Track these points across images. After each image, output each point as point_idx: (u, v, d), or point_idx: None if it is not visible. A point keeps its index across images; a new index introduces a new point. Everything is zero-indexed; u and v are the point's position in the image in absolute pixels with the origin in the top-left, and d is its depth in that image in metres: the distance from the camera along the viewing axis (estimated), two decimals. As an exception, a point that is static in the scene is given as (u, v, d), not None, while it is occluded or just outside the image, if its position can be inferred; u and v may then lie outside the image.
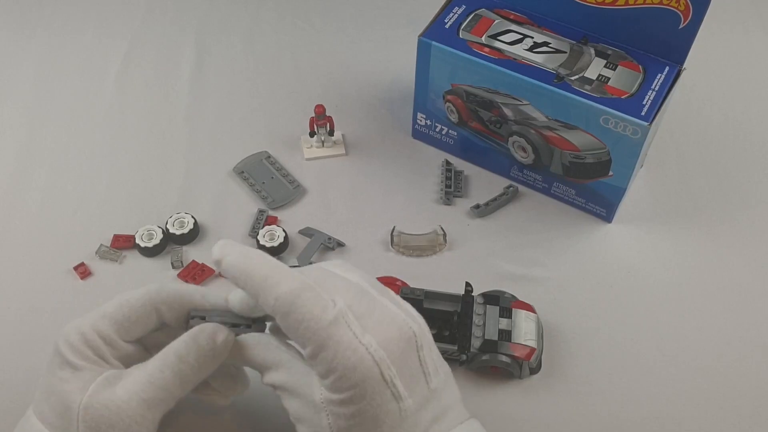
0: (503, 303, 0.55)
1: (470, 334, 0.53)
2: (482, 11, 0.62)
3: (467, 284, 0.55)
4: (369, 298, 0.42)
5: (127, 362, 0.44)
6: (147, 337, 0.46)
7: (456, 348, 0.53)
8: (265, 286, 0.40)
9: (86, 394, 0.41)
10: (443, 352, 0.53)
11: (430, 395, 0.41)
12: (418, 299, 0.55)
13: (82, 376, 0.42)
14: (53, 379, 0.42)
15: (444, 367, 0.44)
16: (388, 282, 0.57)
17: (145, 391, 0.42)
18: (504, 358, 0.52)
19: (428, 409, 0.41)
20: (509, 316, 0.54)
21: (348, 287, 0.42)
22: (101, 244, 0.61)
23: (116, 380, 0.42)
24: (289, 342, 0.44)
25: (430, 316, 0.55)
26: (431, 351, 0.42)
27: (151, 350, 0.46)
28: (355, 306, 0.41)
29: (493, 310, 0.54)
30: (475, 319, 0.54)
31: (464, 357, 0.53)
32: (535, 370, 0.54)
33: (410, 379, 0.40)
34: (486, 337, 0.53)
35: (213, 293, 0.46)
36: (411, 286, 0.57)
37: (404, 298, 0.55)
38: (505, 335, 0.53)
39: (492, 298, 0.55)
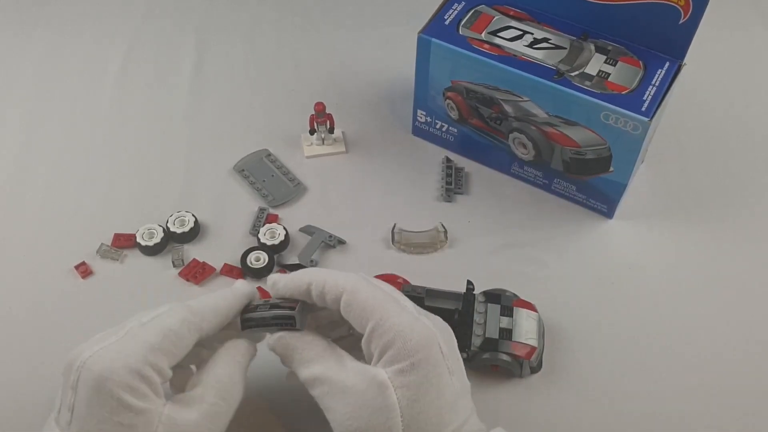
0: (504, 301, 0.55)
1: (471, 332, 0.53)
2: (482, 7, 0.62)
3: (469, 282, 0.55)
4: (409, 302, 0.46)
5: (166, 385, 0.44)
6: None
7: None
8: (325, 283, 0.44)
9: None
10: None
11: (466, 388, 0.44)
12: (419, 297, 0.55)
13: (146, 419, 0.40)
14: (111, 428, 0.39)
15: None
16: (389, 279, 0.57)
17: (212, 423, 0.43)
18: (504, 357, 0.52)
19: (466, 399, 0.43)
20: (510, 315, 0.54)
21: (392, 289, 0.46)
22: (102, 243, 0.61)
23: (179, 415, 0.42)
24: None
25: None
26: (459, 357, 0.45)
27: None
28: (403, 299, 0.45)
29: (494, 309, 0.54)
30: (476, 318, 0.54)
31: (465, 355, 0.53)
32: (536, 369, 0.54)
33: (454, 364, 0.43)
34: (487, 336, 0.53)
35: (238, 289, 0.48)
36: (412, 283, 0.57)
37: (405, 296, 0.55)
38: (506, 334, 0.53)
39: (493, 296, 0.55)
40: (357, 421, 0.41)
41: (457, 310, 0.54)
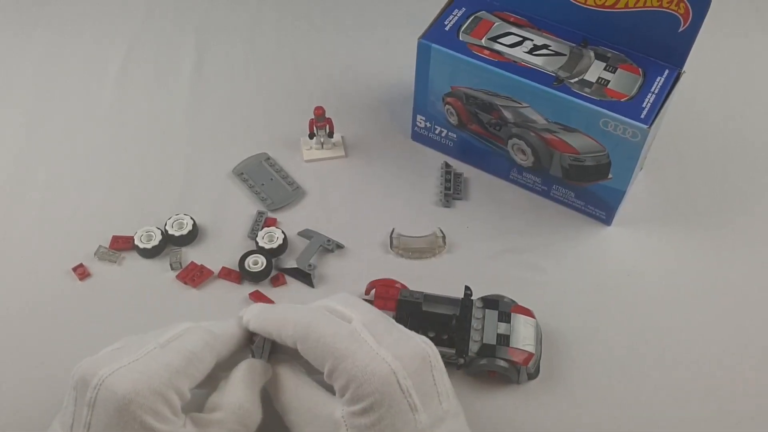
0: (502, 307, 0.55)
1: (468, 338, 0.53)
2: (482, 14, 0.62)
3: (467, 288, 0.55)
4: (385, 320, 0.45)
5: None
6: None
7: (454, 352, 0.53)
8: (283, 323, 0.45)
9: None
10: (441, 356, 0.53)
11: (444, 415, 0.42)
12: (416, 302, 0.55)
13: None
14: None
15: (455, 398, 0.45)
16: (387, 284, 0.57)
17: None
18: (502, 363, 0.52)
19: (441, 429, 0.42)
20: (508, 321, 0.54)
21: (367, 309, 0.46)
22: (100, 245, 0.61)
23: None
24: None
25: (428, 320, 0.55)
26: (443, 375, 0.44)
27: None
28: (371, 326, 0.44)
29: (492, 315, 0.54)
30: (474, 323, 0.54)
31: (462, 361, 0.53)
32: (533, 376, 0.54)
33: (424, 395, 0.42)
34: (484, 342, 0.53)
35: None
36: (410, 288, 0.57)
37: (403, 301, 0.55)
38: (504, 340, 0.53)
39: (491, 302, 0.55)
40: None
41: (454, 315, 0.54)
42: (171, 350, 0.43)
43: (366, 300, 0.57)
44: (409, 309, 0.55)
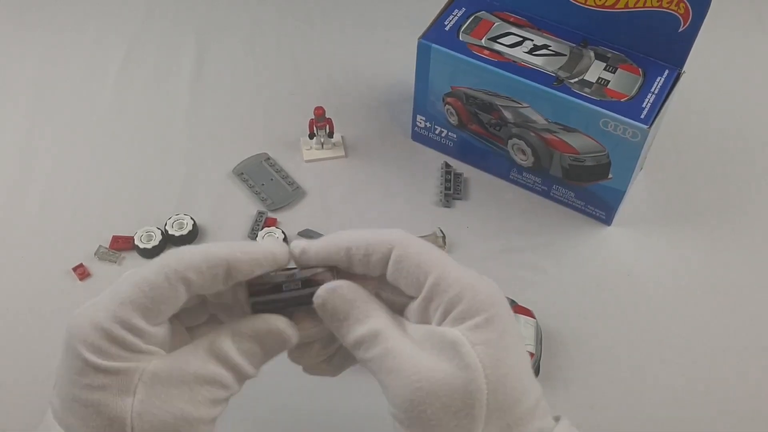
0: None
1: None
2: (482, 14, 0.62)
3: None
4: None
5: (165, 344, 0.36)
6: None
7: None
8: (371, 235, 0.37)
9: (136, 399, 0.33)
10: None
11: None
12: None
13: (119, 379, 0.34)
14: (80, 391, 0.34)
15: None
16: None
17: (210, 393, 0.35)
18: None
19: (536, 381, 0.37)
20: None
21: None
22: (100, 245, 0.61)
23: (167, 377, 0.34)
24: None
25: None
26: None
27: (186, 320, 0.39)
28: None
29: None
30: None
31: None
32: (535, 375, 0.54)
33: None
34: None
35: (247, 245, 0.37)
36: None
37: None
38: None
39: None
40: (429, 383, 0.33)
41: None
42: (124, 280, 0.36)
43: None
44: None
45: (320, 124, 0.66)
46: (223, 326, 0.37)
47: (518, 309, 0.55)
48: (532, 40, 0.60)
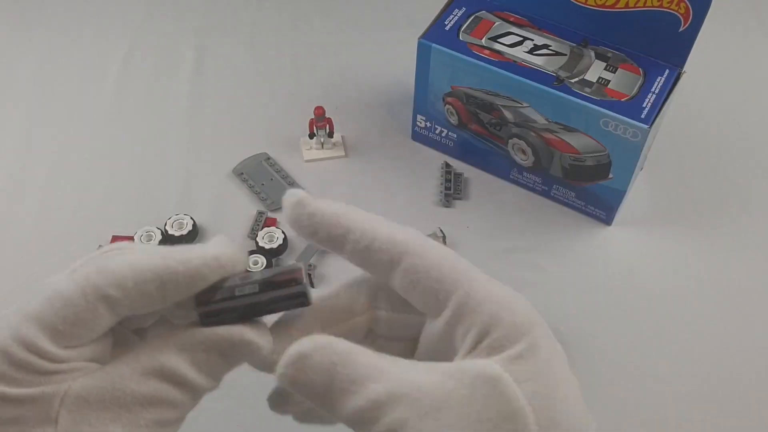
0: None
1: None
2: (482, 13, 0.62)
3: None
4: None
5: (100, 356, 0.30)
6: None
7: None
8: (381, 228, 0.30)
9: (59, 429, 0.27)
10: None
11: None
12: None
13: (35, 408, 0.27)
14: None
15: None
16: None
17: (155, 414, 0.29)
18: None
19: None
20: None
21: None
22: (100, 245, 0.61)
23: (98, 398, 0.28)
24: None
25: None
26: None
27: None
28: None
29: None
30: None
31: None
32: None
33: None
34: None
35: (187, 251, 0.29)
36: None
37: None
38: None
39: None
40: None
41: None
42: (38, 289, 0.29)
43: None
44: None
45: (320, 123, 0.66)
46: (170, 333, 0.29)
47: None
48: (533, 40, 0.60)
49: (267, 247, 0.60)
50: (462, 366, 0.27)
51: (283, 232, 0.61)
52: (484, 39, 0.60)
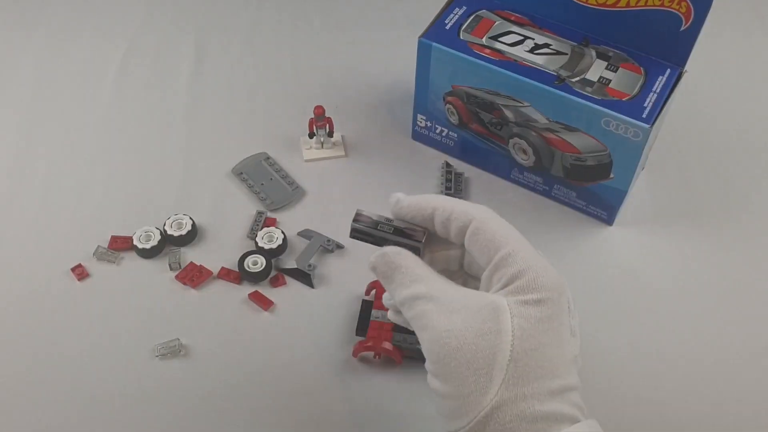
0: None
1: None
2: (483, 12, 0.62)
3: None
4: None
5: None
6: None
7: None
8: (458, 204, 0.41)
9: None
10: None
11: (579, 364, 0.39)
12: None
13: None
14: None
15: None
16: None
17: None
18: None
19: (576, 373, 0.38)
20: None
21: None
22: (99, 246, 0.61)
23: None
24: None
25: None
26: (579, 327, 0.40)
27: None
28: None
29: None
30: None
31: None
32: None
33: (576, 327, 0.39)
34: None
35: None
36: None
37: None
38: None
39: None
40: (457, 339, 0.36)
41: None
42: None
43: (366, 300, 0.57)
44: None
45: (320, 123, 0.66)
46: None
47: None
48: (533, 39, 0.60)
49: (266, 247, 0.60)
50: (484, 294, 0.38)
51: (282, 233, 0.61)
52: (484, 38, 0.60)
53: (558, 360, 0.36)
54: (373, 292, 0.57)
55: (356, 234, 0.43)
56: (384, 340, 0.53)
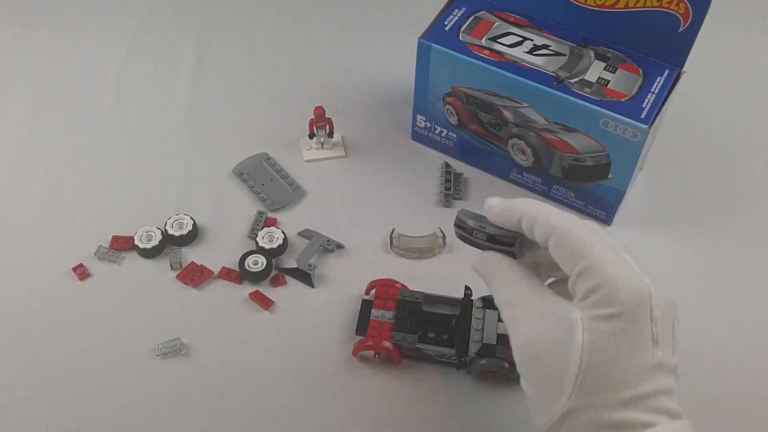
0: None
1: (469, 338, 0.53)
2: (482, 13, 0.62)
3: (467, 288, 0.55)
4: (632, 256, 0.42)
5: None
6: None
7: (454, 352, 0.53)
8: (542, 214, 0.42)
9: None
10: (441, 356, 0.53)
11: (674, 368, 0.40)
12: (417, 302, 0.55)
13: None
14: None
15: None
16: (387, 284, 0.57)
17: None
18: (501, 363, 0.52)
19: (667, 377, 0.39)
20: None
21: (618, 242, 0.42)
22: (100, 246, 0.61)
23: None
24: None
25: (428, 320, 0.55)
26: (679, 331, 0.41)
27: None
28: (627, 249, 0.42)
29: (492, 315, 0.54)
30: (474, 323, 0.54)
31: (463, 360, 0.53)
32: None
33: (664, 336, 0.39)
34: (484, 342, 0.53)
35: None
36: (410, 288, 0.57)
37: (403, 301, 0.55)
38: (504, 340, 0.53)
39: (491, 302, 0.55)
40: (536, 350, 0.40)
41: (454, 315, 0.54)
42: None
43: (366, 300, 0.57)
44: (410, 309, 0.55)
45: (320, 123, 0.66)
46: None
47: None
48: (532, 40, 0.60)
49: (267, 247, 0.60)
50: (563, 305, 0.40)
51: (282, 233, 0.61)
52: (483, 39, 0.60)
53: (632, 370, 0.38)
54: (373, 291, 0.57)
55: (462, 237, 0.46)
56: (384, 340, 0.54)
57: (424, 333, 0.54)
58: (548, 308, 0.41)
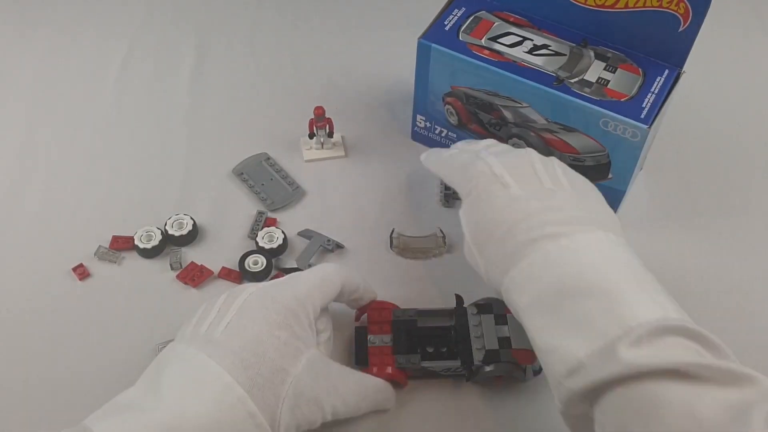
0: (497, 310, 0.54)
1: (471, 347, 0.52)
2: (482, 13, 0.62)
3: (457, 297, 0.55)
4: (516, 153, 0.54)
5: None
6: None
7: (459, 364, 0.52)
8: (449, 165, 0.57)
9: (301, 366, 0.45)
10: (447, 370, 0.52)
11: (543, 194, 0.49)
12: (411, 320, 0.54)
13: (297, 345, 0.46)
14: (270, 338, 0.44)
15: (584, 186, 0.53)
16: (380, 307, 0.55)
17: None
18: (508, 367, 0.52)
19: (540, 200, 0.49)
20: (505, 323, 0.53)
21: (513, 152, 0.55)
22: (100, 245, 0.61)
23: (325, 368, 0.47)
24: None
25: (425, 335, 0.53)
26: (553, 169, 0.52)
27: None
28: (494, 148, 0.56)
29: (488, 319, 0.53)
30: (473, 331, 0.53)
31: (472, 370, 0.52)
32: (538, 372, 0.53)
33: (520, 177, 0.50)
34: (487, 348, 0.52)
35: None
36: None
37: (397, 321, 0.53)
38: (505, 343, 0.52)
39: (484, 307, 0.54)
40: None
41: (452, 326, 0.54)
42: (312, 273, 0.51)
43: (359, 327, 0.55)
44: (405, 328, 0.54)
45: (320, 123, 0.66)
46: None
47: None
48: (532, 40, 0.60)
49: (267, 247, 0.60)
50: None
51: (282, 232, 0.61)
52: (483, 39, 0.60)
53: (496, 212, 0.50)
54: (364, 317, 0.56)
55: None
56: (387, 365, 0.52)
57: (422, 349, 0.53)
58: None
